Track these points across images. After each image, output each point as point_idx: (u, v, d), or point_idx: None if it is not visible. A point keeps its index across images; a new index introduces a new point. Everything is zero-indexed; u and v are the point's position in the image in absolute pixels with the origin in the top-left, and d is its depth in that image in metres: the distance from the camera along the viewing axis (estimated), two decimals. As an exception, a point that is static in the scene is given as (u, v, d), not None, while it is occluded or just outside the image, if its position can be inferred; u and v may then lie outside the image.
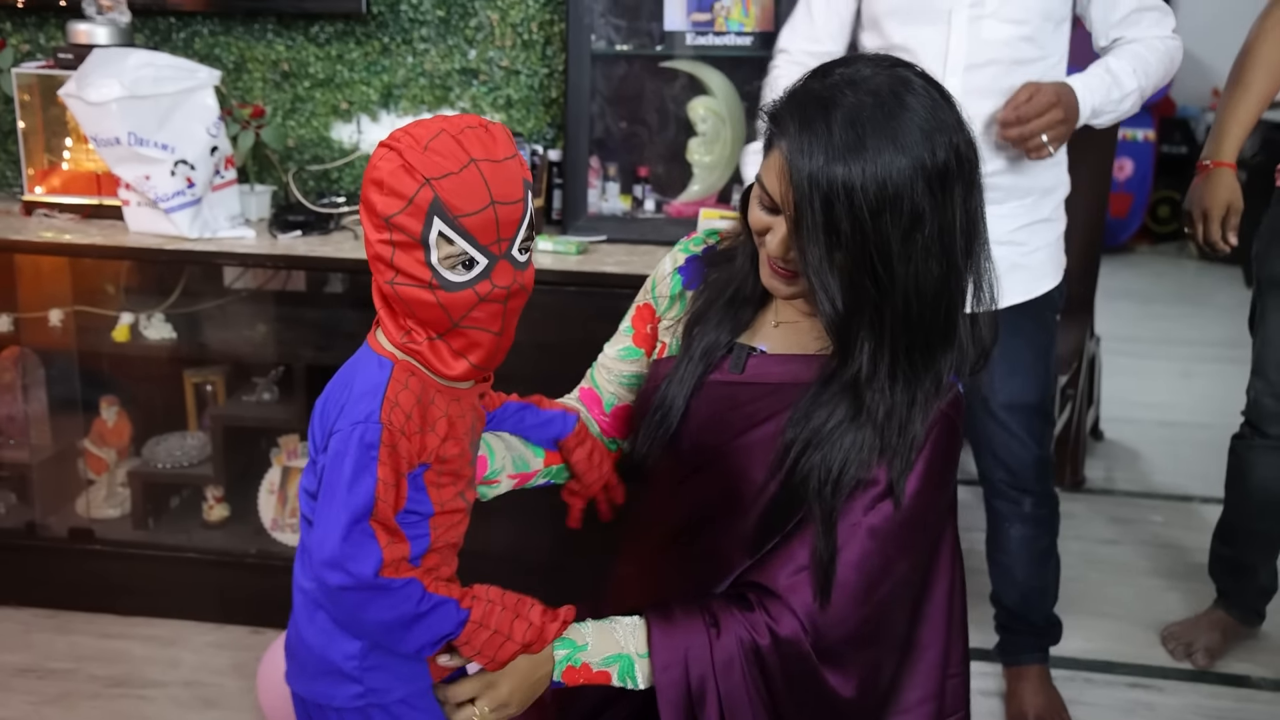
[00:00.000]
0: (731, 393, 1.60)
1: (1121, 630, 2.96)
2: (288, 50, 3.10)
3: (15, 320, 2.98)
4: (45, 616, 2.94)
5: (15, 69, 2.92)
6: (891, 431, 1.48)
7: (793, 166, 1.41)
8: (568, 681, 1.51)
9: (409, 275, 1.31)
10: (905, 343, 1.47)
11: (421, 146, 1.27)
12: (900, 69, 1.47)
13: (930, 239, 1.42)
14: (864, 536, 1.49)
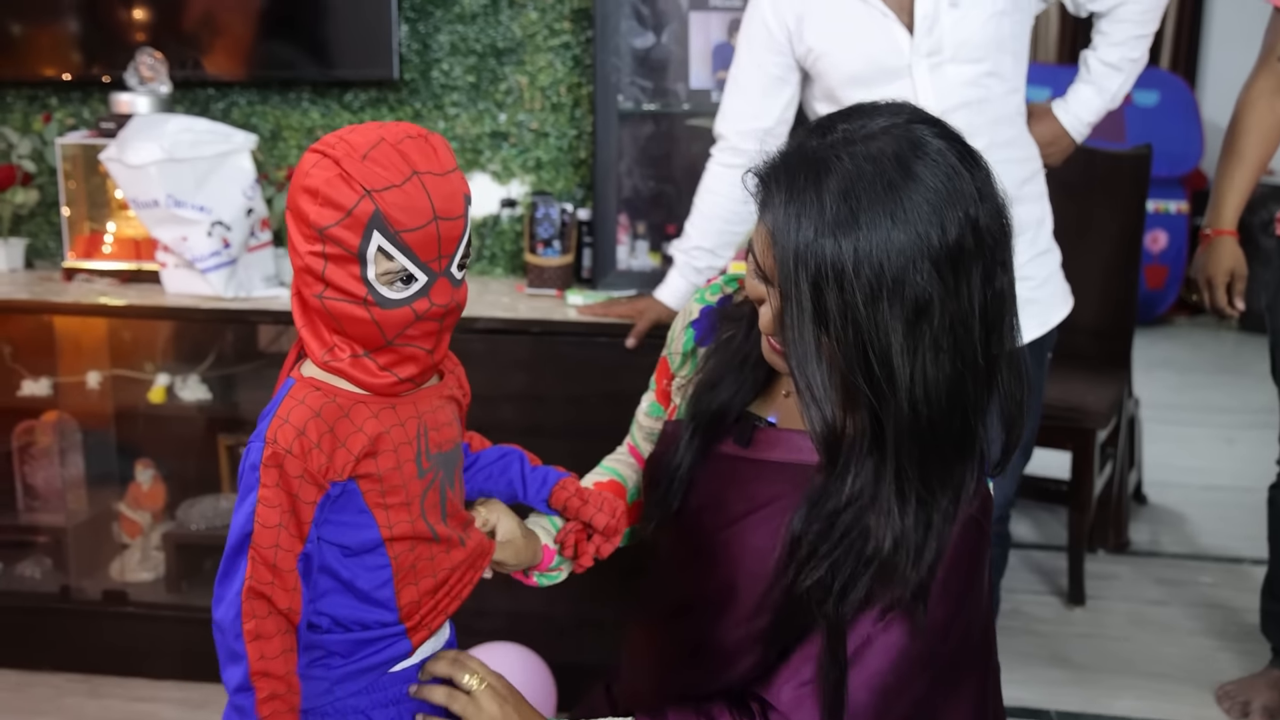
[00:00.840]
0: (736, 468, 1.47)
1: (1174, 690, 2.91)
2: (322, 117, 3.18)
3: (54, 384, 3.02)
4: (78, 681, 2.94)
5: (60, 139, 3.00)
6: (903, 559, 1.29)
7: (777, 240, 1.25)
8: None
9: (341, 290, 1.23)
10: (914, 457, 1.27)
11: (360, 155, 1.20)
12: (917, 126, 1.28)
13: (940, 331, 1.23)
14: (878, 653, 1.33)
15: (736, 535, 1.44)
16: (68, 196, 3.01)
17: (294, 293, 1.31)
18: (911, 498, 1.29)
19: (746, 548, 1.42)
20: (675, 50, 2.98)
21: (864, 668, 1.33)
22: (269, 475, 1.22)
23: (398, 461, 1.31)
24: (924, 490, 1.29)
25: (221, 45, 3.12)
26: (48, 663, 2.99)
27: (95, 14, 3.14)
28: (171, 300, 2.83)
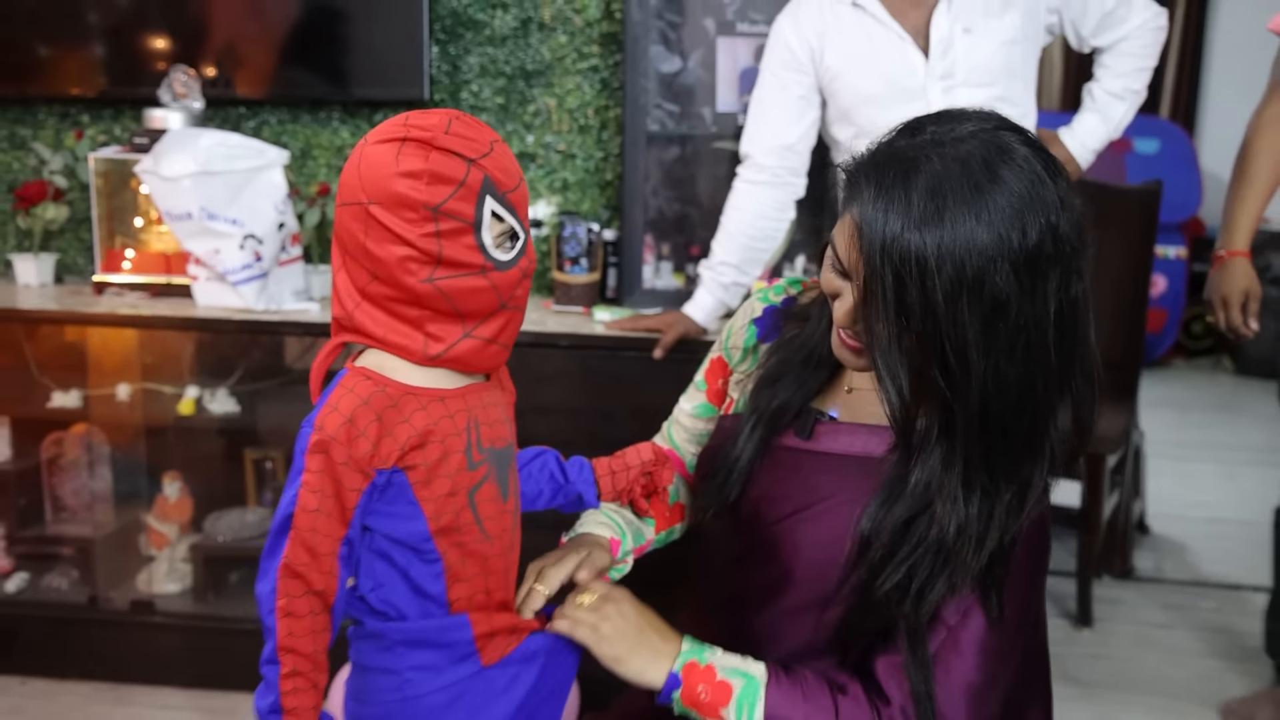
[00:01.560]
0: (796, 460, 1.48)
1: (1180, 707, 2.95)
2: (351, 136, 3.22)
3: (84, 397, 3.05)
4: (106, 689, 2.96)
5: (92, 154, 3.03)
6: (965, 548, 1.32)
7: (864, 233, 1.28)
8: (685, 680, 1.38)
9: (458, 264, 1.25)
10: (982, 449, 1.31)
11: (444, 133, 1.23)
12: (1004, 133, 1.30)
13: (1015, 331, 1.26)
14: (966, 653, 1.36)
15: (796, 526, 1.45)
16: (100, 211, 3.04)
17: (373, 300, 1.29)
18: (977, 488, 1.32)
19: (806, 539, 1.44)
20: (702, 75, 3.03)
21: (956, 671, 1.35)
22: (314, 461, 1.23)
23: (445, 453, 1.31)
24: (989, 482, 1.32)
25: (252, 64, 3.16)
26: (75, 672, 3.01)
27: (128, 33, 3.19)
28: (203, 312, 2.86)
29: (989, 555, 1.33)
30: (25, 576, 3.12)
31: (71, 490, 3.15)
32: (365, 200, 1.24)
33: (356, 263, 1.28)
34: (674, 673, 1.39)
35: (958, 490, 1.32)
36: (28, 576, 3.13)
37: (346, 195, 1.27)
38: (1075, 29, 2.50)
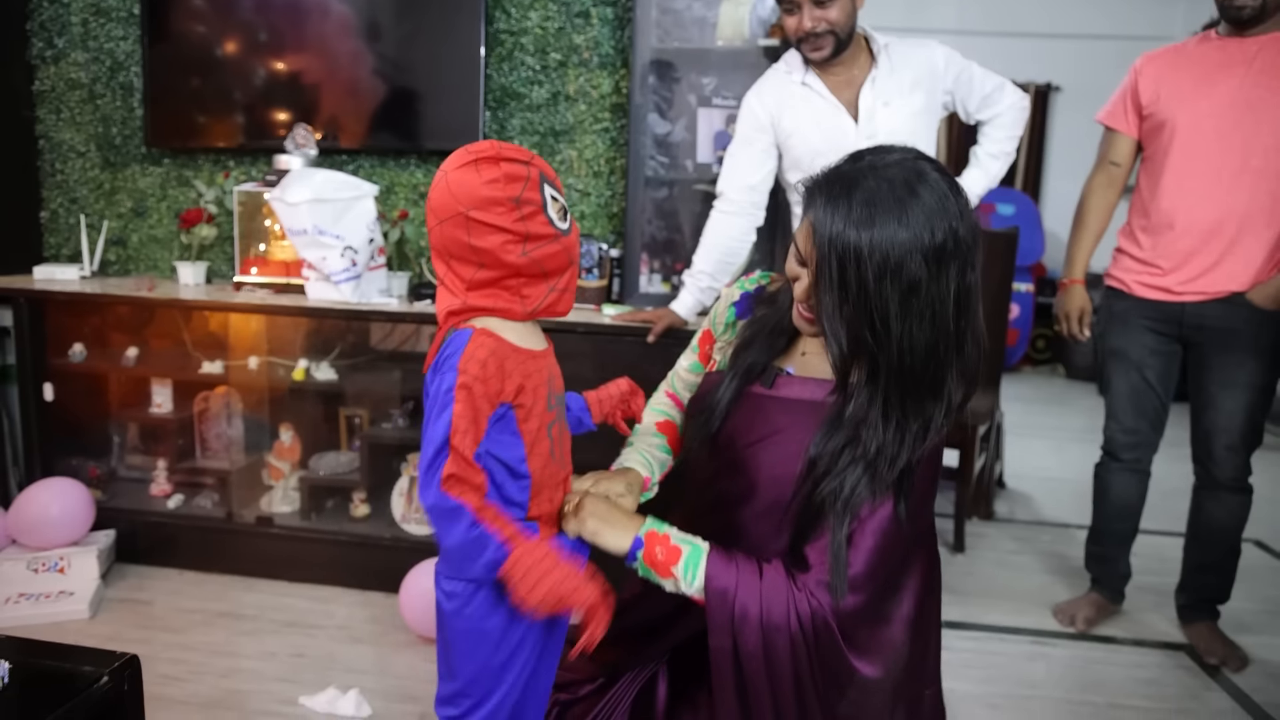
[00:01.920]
0: (761, 403, 1.51)
1: (1025, 608, 2.96)
2: (425, 178, 3.23)
3: (225, 366, 3.06)
4: (238, 580, 2.98)
5: (236, 188, 3.05)
6: (882, 464, 1.36)
7: (816, 230, 1.32)
8: (647, 543, 1.41)
9: (539, 236, 1.29)
10: (898, 392, 1.35)
11: (505, 148, 1.29)
12: (921, 162, 1.35)
13: (924, 305, 1.30)
14: (870, 535, 1.37)
15: (759, 450, 1.48)
16: (240, 230, 3.06)
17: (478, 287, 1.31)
18: (893, 420, 1.36)
19: (766, 459, 1.46)
20: (686, 135, 3.05)
21: (857, 546, 1.37)
22: (462, 394, 1.26)
23: (535, 398, 1.36)
24: (902, 416, 1.37)
25: (352, 126, 3.17)
26: (217, 567, 3.03)
27: (263, 103, 3.21)
28: (313, 303, 2.87)
29: (899, 471, 1.37)
30: (180, 497, 3.13)
31: (214, 435, 3.16)
32: (464, 210, 1.27)
33: (462, 262, 1.31)
34: (638, 537, 1.42)
35: (879, 421, 1.36)
36: (183, 498, 3.13)
37: (444, 213, 1.29)
38: (964, 106, 2.53)
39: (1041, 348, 7.13)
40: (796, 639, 1.37)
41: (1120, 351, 2.72)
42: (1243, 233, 2.49)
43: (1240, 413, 2.57)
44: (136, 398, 3.20)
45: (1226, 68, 2.48)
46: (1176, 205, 2.54)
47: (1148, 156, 2.66)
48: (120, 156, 3.38)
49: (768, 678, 1.39)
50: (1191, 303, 2.57)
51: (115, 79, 3.34)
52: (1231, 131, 2.46)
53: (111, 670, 1.53)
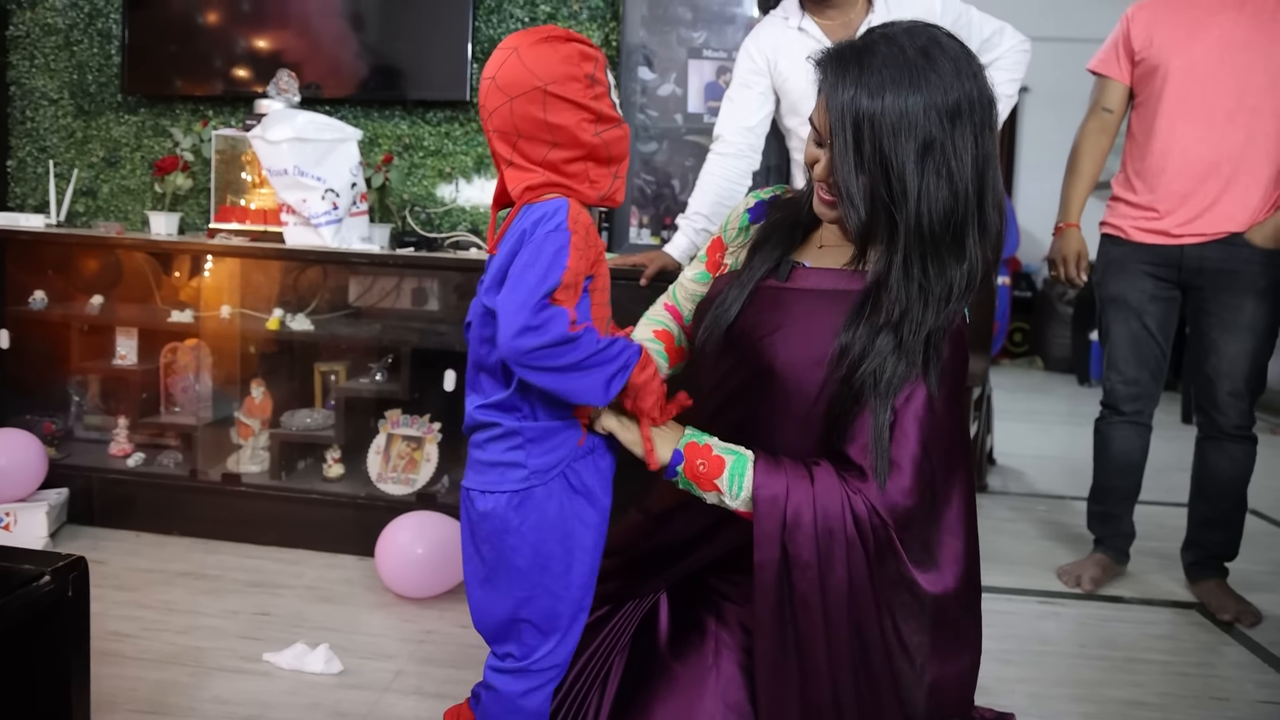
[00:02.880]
0: (777, 295, 1.42)
1: (1028, 570, 2.77)
2: (409, 128, 3.04)
3: (195, 316, 2.82)
4: (200, 543, 2.70)
5: (215, 132, 2.84)
6: (907, 330, 1.27)
7: (830, 102, 1.27)
8: (688, 455, 1.31)
9: (608, 119, 1.26)
10: (918, 251, 1.27)
11: (567, 34, 1.25)
12: (934, 29, 1.30)
13: (940, 164, 1.24)
14: (910, 429, 1.27)
15: (776, 338, 1.37)
16: (216, 178, 2.84)
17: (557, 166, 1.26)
18: (915, 280, 1.28)
19: (784, 346, 1.35)
20: (676, 88, 2.88)
21: (899, 443, 1.27)
22: (575, 240, 1.22)
23: (605, 280, 1.34)
24: (923, 277, 1.28)
25: (337, 73, 2.99)
26: (179, 529, 2.74)
27: (244, 46, 3.01)
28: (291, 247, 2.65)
29: (926, 342, 1.28)
30: (142, 456, 2.85)
31: (181, 389, 2.90)
32: (541, 84, 1.22)
33: (533, 141, 1.25)
34: (678, 449, 1.32)
35: (900, 283, 1.29)
36: (144, 456, 2.86)
37: (517, 89, 1.23)
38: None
39: (1019, 341, 7.01)
40: (854, 543, 1.25)
41: (1119, 298, 2.58)
42: (1239, 173, 2.40)
43: (1243, 356, 2.44)
44: (100, 349, 2.94)
45: (1218, 11, 2.42)
46: (1171, 147, 2.45)
47: (1140, 102, 2.56)
48: (95, 104, 3.16)
49: (820, 590, 1.25)
50: (1190, 245, 2.46)
51: (93, 25, 3.13)
52: (1225, 73, 2.39)
53: (54, 570, 1.33)
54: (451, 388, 2.64)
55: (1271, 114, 2.37)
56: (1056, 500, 3.53)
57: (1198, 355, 2.53)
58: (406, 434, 2.77)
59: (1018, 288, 6.67)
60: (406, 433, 2.77)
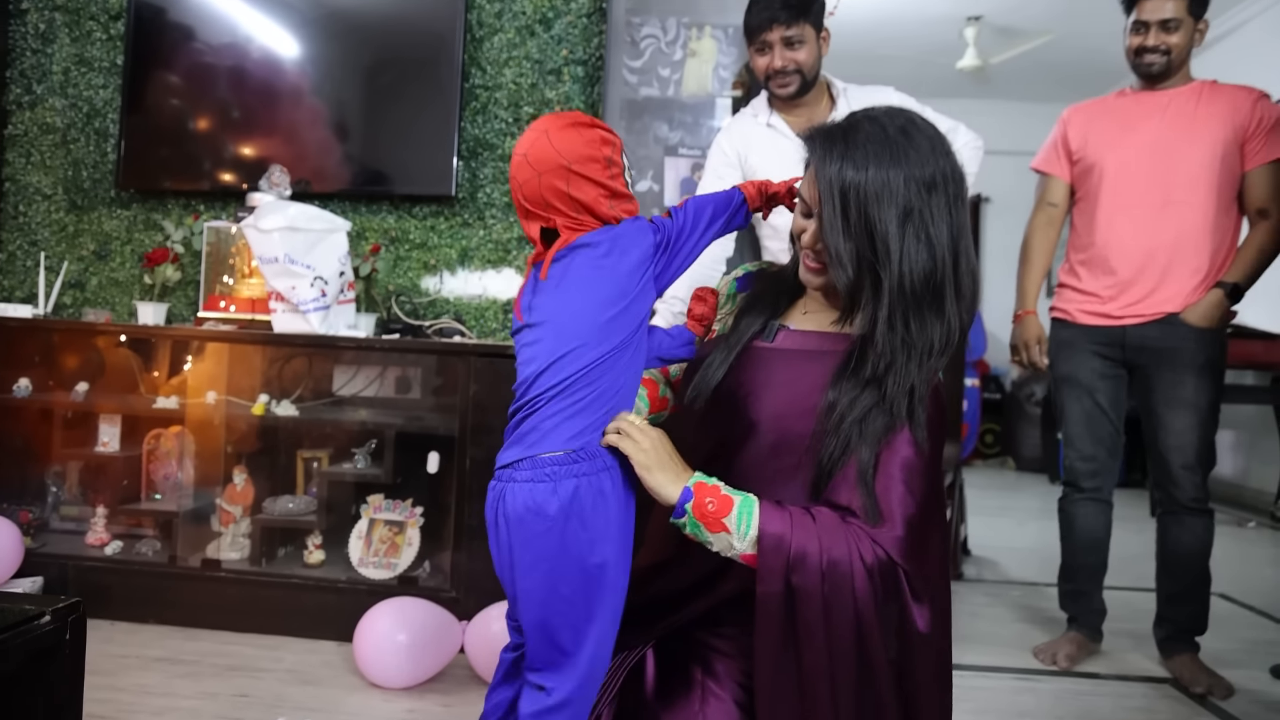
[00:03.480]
0: (762, 355, 1.49)
1: (1005, 651, 2.80)
2: (396, 222, 3.15)
3: (180, 403, 2.87)
4: (178, 630, 2.70)
5: (206, 224, 2.94)
6: (893, 384, 1.34)
7: (819, 173, 1.37)
8: (696, 493, 1.33)
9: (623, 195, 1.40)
10: (902, 308, 1.35)
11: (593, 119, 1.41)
12: (910, 113, 1.42)
13: (919, 229, 1.33)
14: (895, 475, 1.32)
15: (760, 395, 1.44)
16: (206, 267, 2.93)
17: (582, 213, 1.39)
18: (899, 335, 1.36)
19: (768, 400, 1.43)
20: (653, 184, 3.03)
21: (886, 490, 1.32)
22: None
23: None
24: (906, 333, 1.36)
25: (326, 170, 3.12)
26: (157, 616, 2.74)
27: (236, 148, 3.14)
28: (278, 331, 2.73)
29: (910, 394, 1.35)
30: (119, 544, 2.86)
31: (163, 476, 2.93)
32: (565, 163, 1.35)
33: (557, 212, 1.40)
34: (688, 487, 1.35)
35: (884, 336, 1.35)
36: (120, 544, 2.87)
37: (545, 165, 1.36)
38: None
39: (990, 442, 7.15)
40: (860, 576, 1.28)
41: (1070, 377, 2.75)
42: (1172, 261, 2.60)
43: (1190, 430, 2.59)
44: (83, 436, 2.97)
45: (1143, 117, 2.66)
46: (1109, 240, 2.67)
47: (1081, 197, 2.77)
48: (88, 199, 3.27)
49: (825, 624, 1.28)
50: (1132, 325, 2.65)
51: (91, 124, 3.26)
52: (1153, 171, 2.62)
53: (55, 610, 1.37)
54: (435, 469, 2.69)
55: (1198, 207, 2.58)
56: (1030, 586, 3.58)
57: (1149, 433, 2.67)
58: (389, 518, 2.81)
59: (987, 390, 6.83)
60: (389, 517, 2.81)
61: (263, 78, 3.12)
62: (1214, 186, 2.57)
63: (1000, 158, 7.04)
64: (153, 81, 3.17)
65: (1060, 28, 6.11)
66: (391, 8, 3.09)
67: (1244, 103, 2.57)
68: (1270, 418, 4.99)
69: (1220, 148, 2.56)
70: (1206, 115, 2.59)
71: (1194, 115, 2.60)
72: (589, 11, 3.11)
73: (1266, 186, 2.56)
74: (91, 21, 3.31)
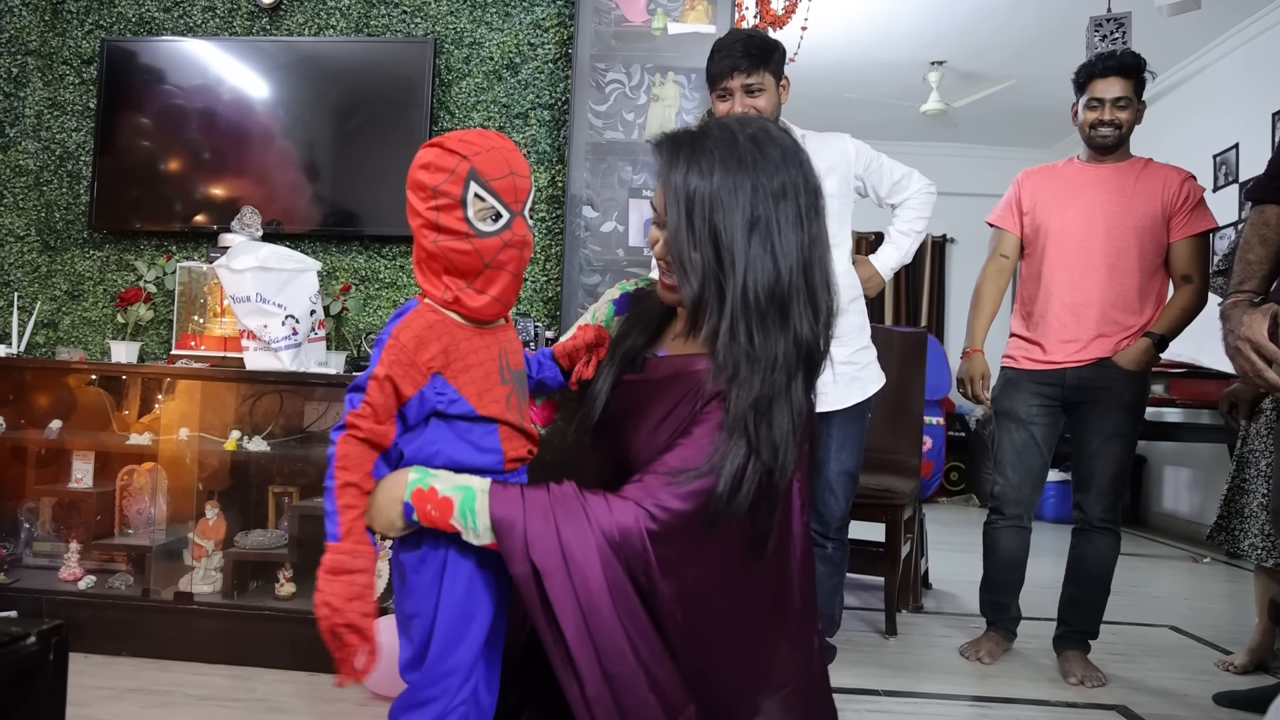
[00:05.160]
0: (632, 389, 1.55)
1: (959, 680, 2.95)
2: (366, 262, 3.30)
3: (153, 439, 2.98)
4: (150, 662, 2.79)
5: (179, 264, 3.07)
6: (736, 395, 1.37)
7: (666, 183, 1.40)
8: (415, 503, 1.35)
9: (450, 231, 1.32)
10: (744, 319, 1.38)
11: (458, 138, 1.33)
12: (767, 122, 1.45)
13: (765, 239, 1.36)
14: (699, 436, 1.39)
15: (630, 430, 1.51)
16: (179, 305, 3.05)
17: (415, 261, 1.40)
18: (742, 346, 1.38)
19: (635, 436, 1.49)
20: (618, 225, 3.20)
21: (691, 444, 1.38)
22: (385, 355, 1.34)
23: (486, 372, 1.40)
24: (749, 345, 1.38)
25: (297, 211, 3.26)
26: (129, 649, 2.83)
27: (207, 189, 3.28)
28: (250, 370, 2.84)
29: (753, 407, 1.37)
30: (92, 579, 2.96)
31: (135, 511, 3.04)
32: (407, 189, 1.36)
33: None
34: (406, 502, 1.36)
35: (728, 345, 1.39)
36: (94, 579, 2.97)
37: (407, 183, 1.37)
38: (875, 192, 2.73)
39: (955, 480, 7.34)
40: (601, 545, 1.33)
41: (1010, 411, 3.05)
42: (1106, 318, 2.93)
43: (1112, 459, 2.93)
44: (56, 474, 3.08)
45: (1086, 186, 2.99)
46: (1051, 293, 3.00)
47: (1029, 253, 3.11)
48: (61, 240, 3.40)
49: (574, 594, 1.32)
50: (1071, 368, 2.96)
51: (64, 167, 3.40)
52: (1090, 235, 2.95)
53: (39, 632, 1.47)
54: (405, 502, 2.81)
55: (1128, 270, 2.93)
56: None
57: (1076, 459, 3.00)
58: (358, 551, 2.92)
59: (952, 428, 7.04)
60: (358, 550, 2.92)
61: (234, 120, 3.28)
62: (1143, 253, 2.91)
63: (964, 199, 7.34)
64: (125, 124, 3.32)
65: (1021, 73, 6.39)
66: (362, 53, 3.26)
67: (1174, 181, 2.92)
68: (1225, 456, 5.20)
69: (1149, 220, 2.90)
70: (1141, 190, 2.92)
71: (1131, 190, 2.93)
72: (555, 58, 3.29)
73: (1189, 256, 2.91)
74: (64, 66, 3.45)
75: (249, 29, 3.40)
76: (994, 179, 7.21)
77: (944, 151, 7.64)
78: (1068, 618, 3.07)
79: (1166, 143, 6.05)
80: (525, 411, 1.51)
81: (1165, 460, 6.44)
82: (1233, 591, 4.58)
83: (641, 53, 3.27)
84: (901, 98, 6.76)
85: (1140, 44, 3.98)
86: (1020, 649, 3.27)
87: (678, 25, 3.17)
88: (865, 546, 3.59)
